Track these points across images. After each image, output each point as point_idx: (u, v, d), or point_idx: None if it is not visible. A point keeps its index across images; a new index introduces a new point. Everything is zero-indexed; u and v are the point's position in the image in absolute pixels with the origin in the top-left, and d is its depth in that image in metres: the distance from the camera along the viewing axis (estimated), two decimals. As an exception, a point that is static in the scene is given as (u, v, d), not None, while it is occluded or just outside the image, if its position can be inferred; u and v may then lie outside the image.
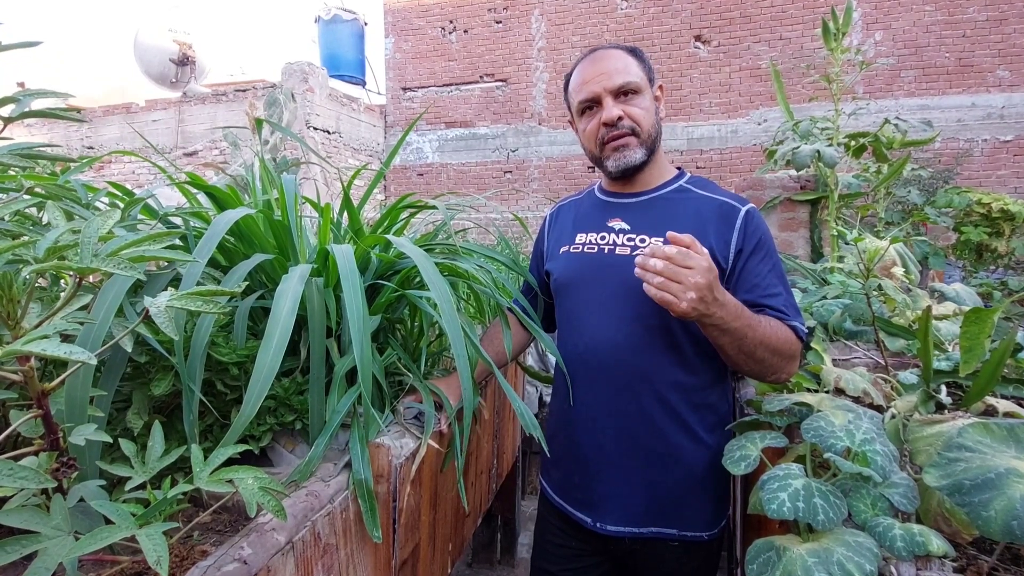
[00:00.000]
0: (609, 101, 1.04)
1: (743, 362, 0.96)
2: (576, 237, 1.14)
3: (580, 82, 1.08)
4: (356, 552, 0.79)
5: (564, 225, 1.21)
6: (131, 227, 0.84)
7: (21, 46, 0.65)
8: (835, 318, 1.46)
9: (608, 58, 1.06)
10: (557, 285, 1.16)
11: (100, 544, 0.45)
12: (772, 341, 0.94)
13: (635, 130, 1.05)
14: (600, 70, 1.05)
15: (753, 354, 0.93)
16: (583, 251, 1.11)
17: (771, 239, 1.06)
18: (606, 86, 1.04)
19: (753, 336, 0.92)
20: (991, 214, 3.38)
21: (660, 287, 0.84)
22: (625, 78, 1.04)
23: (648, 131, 1.06)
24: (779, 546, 0.66)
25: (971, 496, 0.60)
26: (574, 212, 1.21)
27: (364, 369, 0.76)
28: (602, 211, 1.14)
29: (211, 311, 0.51)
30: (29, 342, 0.38)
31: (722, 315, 0.88)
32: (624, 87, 1.04)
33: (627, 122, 1.04)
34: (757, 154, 6.62)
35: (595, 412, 1.07)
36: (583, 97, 1.07)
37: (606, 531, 1.05)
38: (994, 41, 6.05)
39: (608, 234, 1.09)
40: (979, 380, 0.90)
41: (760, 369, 0.97)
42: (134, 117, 7.44)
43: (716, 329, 0.90)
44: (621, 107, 1.04)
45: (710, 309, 0.86)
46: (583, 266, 1.10)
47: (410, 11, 7.99)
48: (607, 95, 1.04)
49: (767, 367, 0.97)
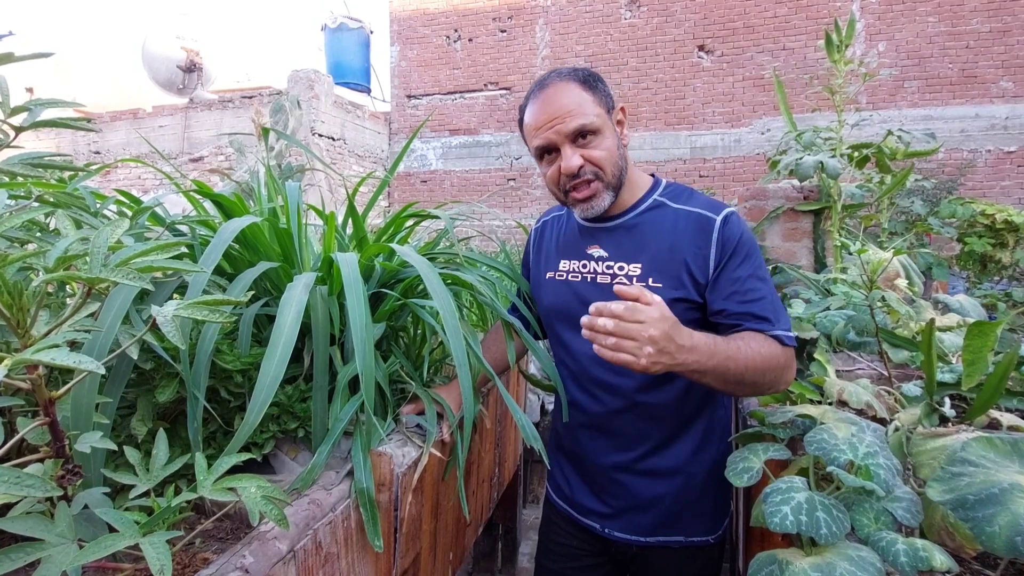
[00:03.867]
0: (568, 150, 0.97)
1: (733, 390, 0.92)
2: (560, 264, 1.13)
3: (534, 126, 1.00)
4: (357, 561, 0.79)
5: (549, 247, 1.19)
6: (139, 235, 0.84)
7: (34, 57, 0.66)
8: (838, 329, 1.46)
9: (559, 97, 0.97)
10: (546, 311, 1.17)
11: (104, 552, 0.45)
12: (757, 363, 0.89)
13: (599, 175, 0.99)
14: (553, 114, 0.97)
15: (741, 381, 0.88)
16: (567, 279, 1.11)
17: (751, 240, 1.00)
18: (562, 131, 0.96)
19: (736, 367, 0.86)
20: (995, 225, 3.38)
21: (614, 348, 0.77)
22: (580, 120, 0.95)
23: (612, 172, 0.99)
24: (782, 560, 0.65)
25: (975, 511, 0.59)
26: (557, 233, 1.19)
27: (367, 377, 0.76)
28: (581, 237, 1.12)
29: (217, 320, 0.52)
30: (39, 351, 0.39)
31: (695, 359, 0.82)
32: (581, 129, 0.96)
33: (589, 168, 0.98)
34: (760, 163, 6.63)
35: (595, 432, 1.08)
36: (539, 143, 0.99)
37: (614, 536, 1.07)
38: (997, 52, 6.06)
39: (588, 262, 1.08)
40: (983, 393, 0.90)
41: (753, 390, 0.94)
42: (141, 123, 7.51)
43: (694, 373, 0.84)
44: (580, 152, 0.97)
45: (676, 359, 0.79)
46: (567, 294, 1.10)
47: (415, 20, 8.06)
48: (564, 141, 0.97)
49: (760, 387, 0.93)
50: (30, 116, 0.68)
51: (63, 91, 9.47)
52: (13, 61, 0.62)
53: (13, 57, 0.62)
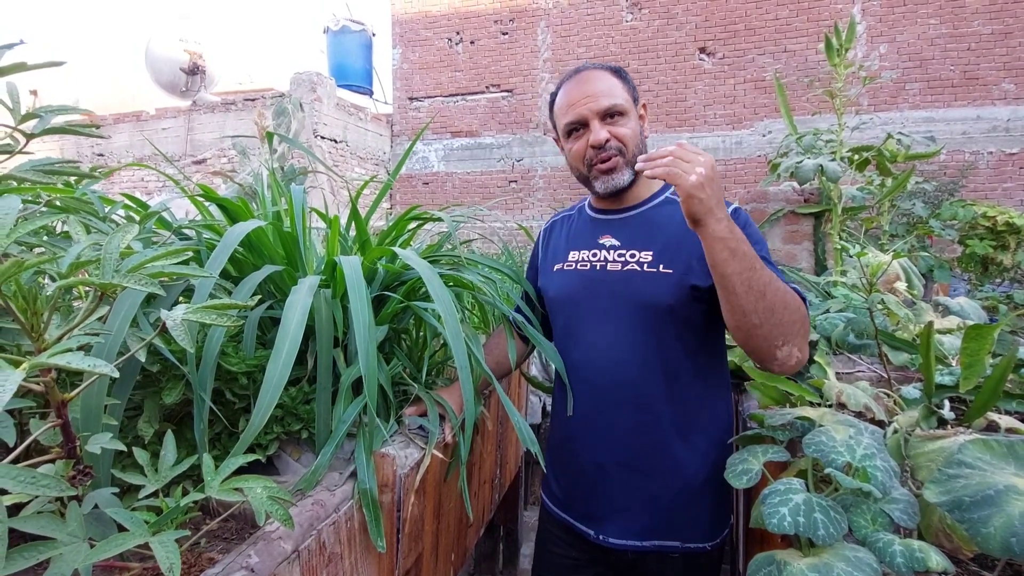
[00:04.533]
0: (596, 123, 1.05)
1: (753, 308, 0.85)
2: (569, 255, 1.15)
3: (566, 104, 1.08)
4: (360, 561, 0.80)
5: (558, 242, 1.22)
6: (146, 240, 0.86)
7: (45, 66, 0.68)
8: (838, 331, 1.47)
9: (594, 80, 1.07)
10: (552, 303, 1.17)
11: (115, 551, 0.46)
12: (782, 289, 0.87)
13: (622, 151, 1.06)
14: (586, 92, 1.06)
15: (764, 295, 0.84)
16: (576, 268, 1.13)
17: (758, 232, 1.03)
18: (593, 108, 1.04)
19: (763, 273, 0.85)
20: (996, 227, 3.37)
21: (667, 165, 0.83)
22: (611, 100, 1.05)
23: (634, 151, 1.07)
24: (780, 560, 0.66)
25: (971, 512, 0.60)
26: (567, 229, 1.22)
27: (370, 379, 0.77)
28: (593, 228, 1.16)
29: (224, 323, 0.53)
30: (54, 355, 0.40)
31: (728, 225, 0.83)
32: (610, 109, 1.04)
33: (614, 143, 1.05)
34: (761, 166, 6.63)
35: (595, 426, 1.07)
36: (570, 119, 1.07)
37: (608, 543, 1.05)
38: (999, 54, 6.06)
39: (599, 251, 1.11)
40: (981, 395, 0.91)
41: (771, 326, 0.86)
42: (144, 125, 7.54)
43: (723, 246, 0.83)
44: (608, 129, 1.05)
45: (716, 208, 0.82)
46: (576, 283, 1.11)
47: (417, 22, 8.08)
48: (594, 117, 1.05)
49: (779, 325, 0.87)
50: (40, 123, 0.69)
51: (64, 92, 9.50)
52: (26, 70, 0.63)
53: (26, 66, 0.64)
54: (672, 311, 1.02)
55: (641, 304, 1.03)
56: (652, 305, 1.02)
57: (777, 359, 0.90)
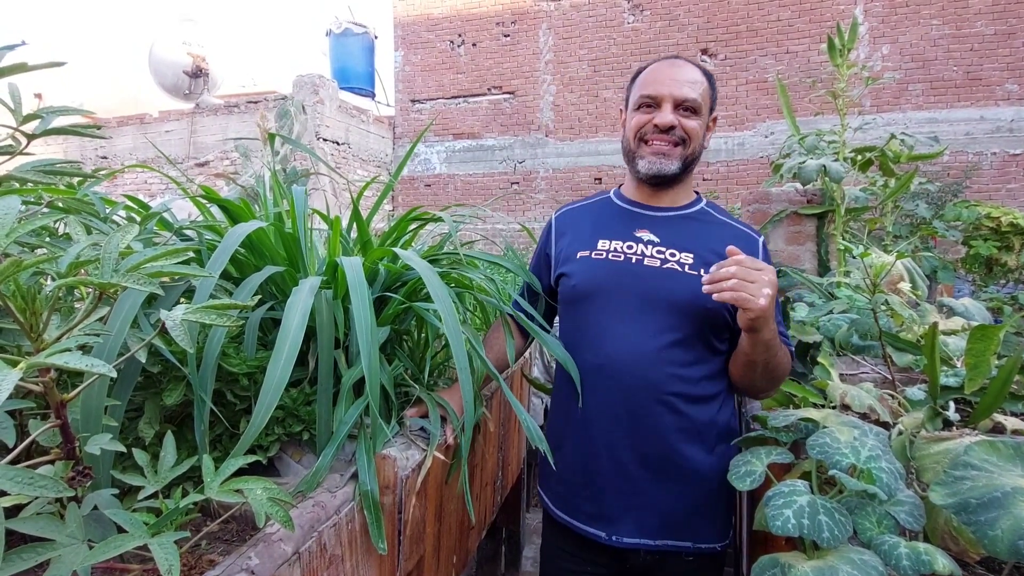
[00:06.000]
0: (668, 107, 1.05)
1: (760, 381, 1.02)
2: (597, 243, 1.11)
3: (651, 79, 1.09)
4: (361, 564, 0.79)
5: (580, 229, 1.17)
6: (147, 240, 0.85)
7: (46, 66, 0.68)
8: (842, 333, 1.46)
9: (686, 69, 1.08)
10: (576, 292, 1.11)
11: (114, 552, 0.46)
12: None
13: (683, 141, 1.07)
14: (674, 76, 1.06)
15: (773, 373, 1.00)
16: (607, 258, 1.09)
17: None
18: (674, 92, 1.05)
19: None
20: (1000, 228, 3.36)
21: (734, 288, 0.86)
22: (693, 94, 1.05)
23: (693, 148, 1.08)
24: (784, 563, 0.66)
25: (977, 515, 0.59)
26: (591, 217, 1.18)
27: (372, 380, 0.77)
28: (627, 220, 1.13)
29: (224, 324, 0.52)
30: (52, 355, 0.39)
31: (773, 327, 0.93)
32: (689, 101, 1.05)
33: (679, 132, 1.06)
34: (764, 167, 6.62)
35: (610, 424, 1.05)
36: (648, 92, 1.07)
37: (622, 543, 1.03)
38: (1002, 55, 6.04)
39: (636, 244, 1.09)
40: (986, 397, 0.90)
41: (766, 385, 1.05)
42: (147, 128, 7.57)
43: (764, 347, 0.94)
44: (678, 117, 1.05)
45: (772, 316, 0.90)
46: (607, 273, 1.08)
47: (419, 25, 8.10)
48: (670, 101, 1.05)
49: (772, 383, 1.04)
50: (42, 124, 0.69)
51: (65, 94, 9.53)
52: (27, 71, 0.63)
53: (26, 67, 0.64)
54: (707, 314, 1.03)
55: (679, 304, 1.03)
56: (690, 306, 1.03)
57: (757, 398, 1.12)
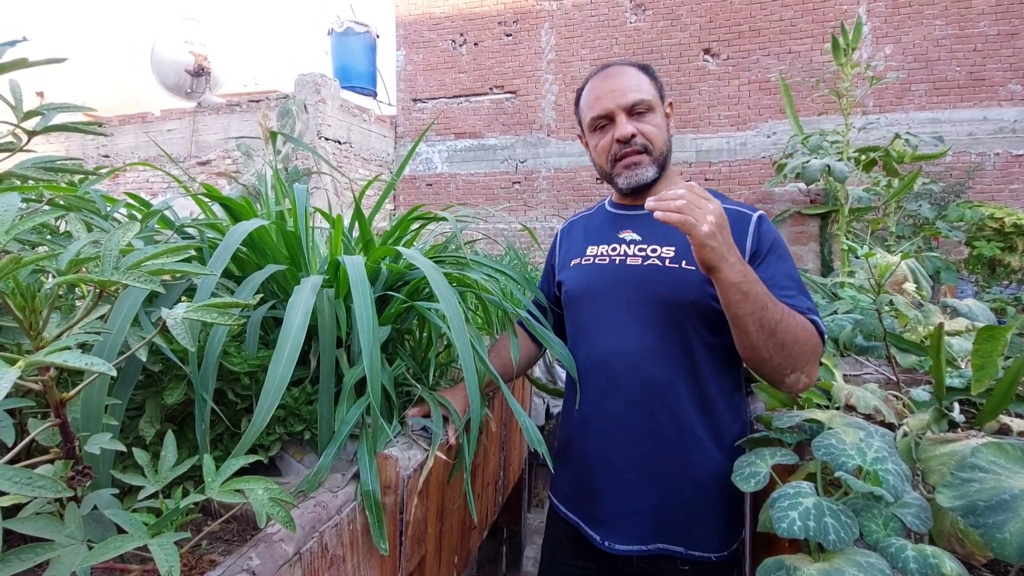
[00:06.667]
0: (623, 118, 1.05)
1: (764, 345, 0.88)
2: (587, 250, 1.14)
3: (593, 98, 1.08)
4: (363, 564, 0.79)
5: (575, 239, 1.21)
6: (148, 238, 0.85)
7: (47, 63, 0.67)
8: (846, 333, 1.45)
9: (621, 75, 1.07)
10: (569, 297, 1.16)
11: (113, 553, 0.45)
12: (793, 324, 0.89)
13: (647, 147, 1.06)
14: (613, 87, 1.06)
15: (775, 333, 0.87)
16: (594, 262, 1.11)
17: (785, 247, 1.04)
18: (620, 103, 1.04)
19: (775, 311, 0.87)
20: (1004, 228, 3.35)
21: (680, 210, 0.82)
22: (638, 95, 1.05)
23: (660, 148, 1.07)
24: (789, 565, 0.65)
25: (985, 517, 0.59)
26: (585, 226, 1.22)
27: (373, 379, 0.76)
28: (613, 224, 1.15)
29: (226, 323, 0.52)
30: (51, 353, 0.39)
31: (740, 269, 0.85)
32: (637, 104, 1.04)
33: (640, 139, 1.05)
34: (766, 167, 6.61)
35: (607, 425, 1.05)
36: (596, 113, 1.07)
37: (614, 550, 1.03)
38: (1006, 55, 6.02)
39: (619, 245, 1.10)
40: (993, 398, 0.89)
41: (781, 359, 0.89)
42: (149, 126, 7.57)
43: (735, 289, 0.85)
44: (634, 124, 1.04)
45: (727, 254, 0.84)
46: (595, 277, 1.10)
47: (421, 24, 8.10)
48: (620, 112, 1.05)
49: (789, 357, 0.89)
50: (43, 120, 0.69)
51: (67, 93, 9.55)
52: (27, 66, 0.63)
53: (27, 62, 0.63)
54: (695, 308, 1.00)
55: (663, 300, 1.02)
56: (675, 301, 1.01)
57: (785, 383, 0.94)
